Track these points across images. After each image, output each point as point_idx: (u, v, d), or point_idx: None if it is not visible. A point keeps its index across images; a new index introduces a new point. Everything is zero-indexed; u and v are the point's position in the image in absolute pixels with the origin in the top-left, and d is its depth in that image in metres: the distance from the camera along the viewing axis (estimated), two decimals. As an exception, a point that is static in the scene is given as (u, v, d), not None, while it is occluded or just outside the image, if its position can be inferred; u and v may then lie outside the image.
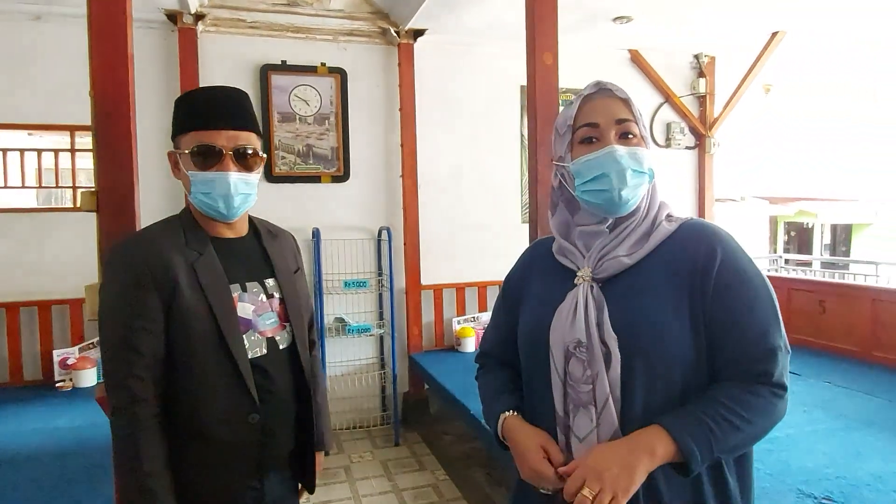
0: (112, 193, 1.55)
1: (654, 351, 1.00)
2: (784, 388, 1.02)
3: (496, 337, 1.30)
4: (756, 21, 4.21)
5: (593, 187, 1.09)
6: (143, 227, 1.60)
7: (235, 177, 1.28)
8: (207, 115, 1.27)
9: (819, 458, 2.28)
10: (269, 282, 1.40)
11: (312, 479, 1.48)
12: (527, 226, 2.93)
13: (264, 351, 1.33)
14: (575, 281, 1.11)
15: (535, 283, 1.22)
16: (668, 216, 1.14)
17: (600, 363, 1.01)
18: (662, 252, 1.07)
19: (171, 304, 1.22)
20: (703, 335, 1.03)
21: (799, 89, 6.79)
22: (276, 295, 1.40)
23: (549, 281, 1.17)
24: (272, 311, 1.38)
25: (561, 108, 1.19)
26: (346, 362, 4.22)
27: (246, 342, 1.29)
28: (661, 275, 1.05)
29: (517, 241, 1.50)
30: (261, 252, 1.42)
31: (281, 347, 1.37)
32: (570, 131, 1.13)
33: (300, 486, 1.52)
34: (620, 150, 1.08)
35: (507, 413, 1.16)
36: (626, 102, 1.11)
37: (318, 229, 4.01)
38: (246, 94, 1.35)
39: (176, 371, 1.24)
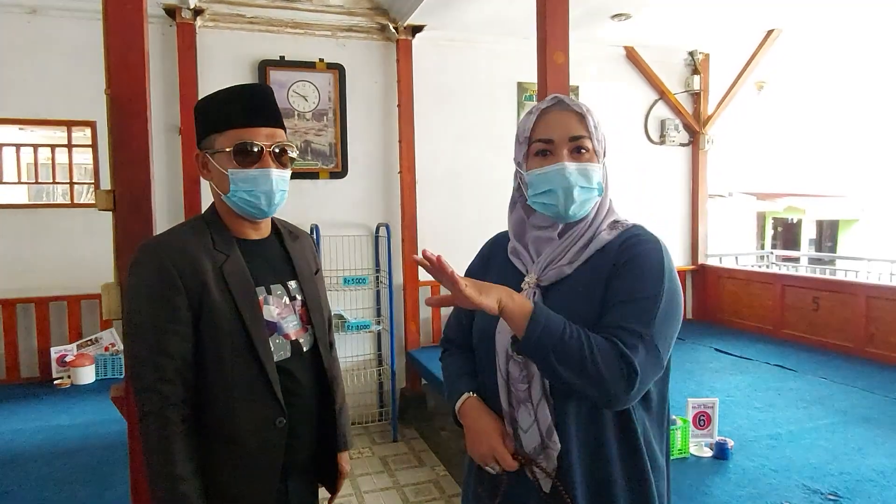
0: (128, 192, 1.55)
1: None
2: (635, 371, 1.02)
3: (457, 325, 1.38)
4: (752, 18, 4.24)
5: (543, 200, 1.18)
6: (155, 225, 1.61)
7: (276, 174, 1.28)
8: (246, 113, 1.26)
9: (822, 453, 2.32)
10: (292, 284, 1.39)
11: (335, 479, 1.48)
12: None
13: (288, 354, 1.33)
14: (521, 285, 1.18)
15: (490, 279, 1.26)
16: (614, 222, 1.19)
17: (534, 366, 1.09)
18: (598, 258, 1.14)
19: (200, 306, 1.22)
20: None
21: (791, 87, 6.86)
22: (299, 297, 1.40)
23: (502, 281, 1.22)
24: (295, 313, 1.37)
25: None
26: (345, 359, 4.21)
27: (271, 345, 1.29)
28: (592, 281, 1.12)
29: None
30: (283, 254, 1.42)
31: (304, 350, 1.37)
32: (528, 142, 1.20)
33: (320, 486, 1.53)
34: (570, 167, 1.14)
35: (467, 394, 1.24)
36: (583, 117, 1.17)
37: (316, 226, 4.00)
38: (272, 90, 1.35)
39: (204, 375, 1.24)
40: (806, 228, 13.09)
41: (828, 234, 13.39)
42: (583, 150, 1.16)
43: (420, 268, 4.24)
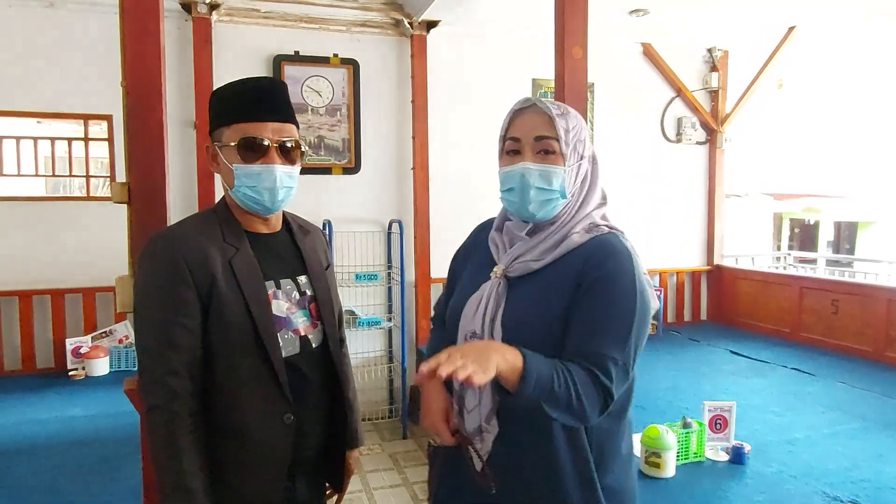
0: (143, 185, 1.55)
1: (535, 347, 1.08)
2: (611, 396, 1.08)
3: (444, 302, 1.43)
4: (772, 15, 4.17)
5: (507, 197, 1.23)
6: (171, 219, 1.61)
7: (281, 170, 1.26)
8: (252, 107, 1.24)
9: (841, 460, 2.27)
10: (302, 279, 1.38)
11: (342, 477, 1.47)
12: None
13: (297, 350, 1.32)
14: (490, 274, 1.23)
15: (471, 263, 1.34)
16: (592, 226, 1.20)
17: None
18: (567, 260, 1.16)
19: (209, 300, 1.20)
20: None
21: (812, 85, 6.76)
22: (309, 293, 1.38)
23: (478, 266, 1.29)
24: (305, 308, 1.36)
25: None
26: (355, 355, 4.20)
27: (280, 341, 1.28)
28: (558, 280, 1.15)
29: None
30: (293, 249, 1.40)
31: (314, 346, 1.35)
32: (502, 141, 1.25)
33: (327, 484, 1.51)
34: (531, 167, 1.17)
35: None
36: (552, 119, 1.17)
37: (329, 221, 3.99)
38: (285, 84, 1.33)
39: (212, 369, 1.23)
40: (824, 230, 12.91)
41: (846, 236, 13.21)
42: (548, 152, 1.18)
43: (432, 264, 4.16)
